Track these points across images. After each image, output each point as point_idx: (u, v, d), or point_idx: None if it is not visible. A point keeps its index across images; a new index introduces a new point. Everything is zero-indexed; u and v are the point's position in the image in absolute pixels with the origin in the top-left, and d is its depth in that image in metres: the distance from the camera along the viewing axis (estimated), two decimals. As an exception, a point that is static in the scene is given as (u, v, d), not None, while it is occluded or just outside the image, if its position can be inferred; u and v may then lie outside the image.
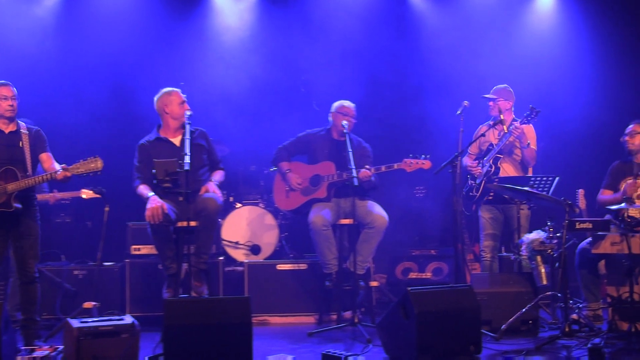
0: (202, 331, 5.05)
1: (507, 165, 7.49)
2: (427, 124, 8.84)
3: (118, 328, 5.29)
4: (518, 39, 9.30)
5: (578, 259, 6.64)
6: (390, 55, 9.26)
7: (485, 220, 7.52)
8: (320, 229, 7.06)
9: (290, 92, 8.96)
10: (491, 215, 7.50)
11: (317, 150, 7.44)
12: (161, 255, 6.49)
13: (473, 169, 7.52)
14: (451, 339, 5.42)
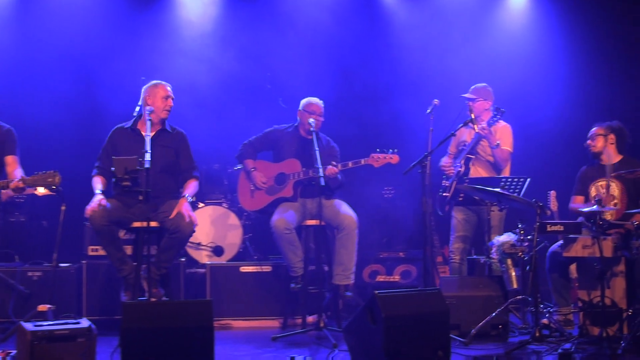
0: (162, 335, 5.01)
1: (479, 167, 7.53)
2: (397, 123, 8.87)
3: (74, 332, 5.23)
4: (490, 37, 9.35)
5: (549, 262, 6.70)
6: (360, 52, 9.29)
7: (457, 221, 7.56)
8: (282, 232, 7.02)
9: (256, 88, 8.92)
10: (464, 216, 7.54)
11: (284, 147, 7.43)
12: (109, 257, 6.45)
13: (447, 169, 7.56)
14: (419, 344, 5.42)
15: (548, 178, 8.43)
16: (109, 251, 6.42)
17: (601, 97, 8.96)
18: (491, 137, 7.33)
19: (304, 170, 7.21)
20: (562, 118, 9.06)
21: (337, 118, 7.84)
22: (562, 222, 6.29)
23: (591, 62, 9.16)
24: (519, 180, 7.02)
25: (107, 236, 6.36)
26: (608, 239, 6.10)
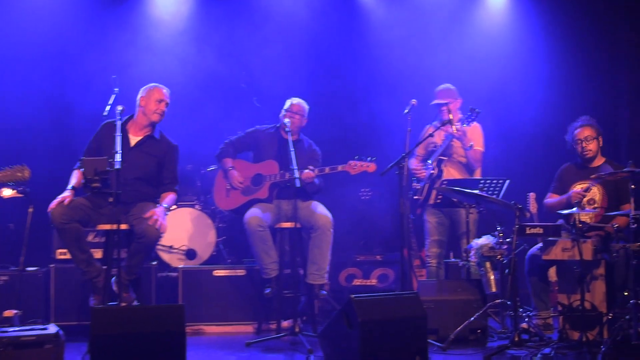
0: (132, 341, 4.99)
1: (451, 168, 7.56)
2: (375, 123, 8.90)
3: (41, 338, 5.20)
4: (469, 36, 9.38)
5: (528, 265, 6.74)
6: (338, 51, 9.30)
7: (430, 225, 7.59)
8: (255, 229, 7.00)
9: (230, 87, 8.90)
10: (437, 219, 7.58)
11: (264, 148, 7.43)
12: (73, 258, 6.40)
13: (418, 171, 7.58)
14: (396, 349, 5.44)
15: (527, 180, 8.47)
16: (72, 252, 6.34)
17: (582, 98, 9.00)
18: (465, 139, 7.37)
19: (281, 172, 7.21)
20: (542, 119, 9.11)
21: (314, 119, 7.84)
22: (542, 225, 6.32)
23: (572, 63, 9.20)
24: (497, 181, 7.06)
25: (68, 235, 6.28)
26: (588, 241, 6.14)
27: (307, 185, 7.08)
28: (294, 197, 6.79)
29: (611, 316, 6.11)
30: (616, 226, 6.29)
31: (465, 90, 7.91)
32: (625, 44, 9.01)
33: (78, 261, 6.38)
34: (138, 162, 6.58)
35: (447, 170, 7.52)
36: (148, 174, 6.71)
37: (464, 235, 7.35)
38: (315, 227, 7.07)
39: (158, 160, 6.75)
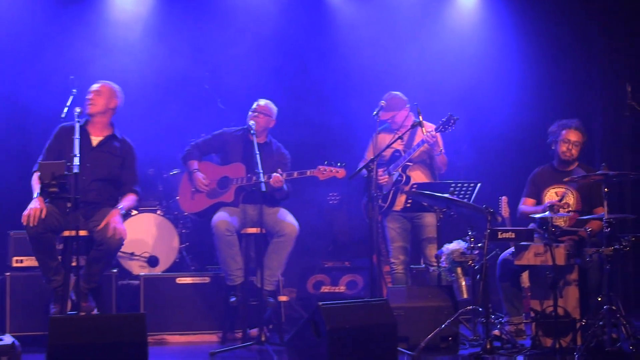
0: (92, 352, 4.94)
1: (417, 173, 7.57)
2: (345, 125, 8.90)
3: (-4, 349, 5.16)
4: (440, 36, 9.39)
5: (499, 271, 6.78)
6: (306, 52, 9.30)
7: (393, 231, 7.60)
8: (223, 233, 7.00)
9: (194, 88, 8.87)
10: (399, 225, 7.59)
11: (231, 150, 7.42)
12: (42, 266, 6.36)
13: (380, 179, 7.54)
14: (366, 358, 5.45)
15: (499, 183, 8.53)
16: (43, 260, 6.32)
17: (555, 99, 9.08)
18: (436, 146, 7.38)
19: (248, 176, 7.19)
20: (515, 121, 9.17)
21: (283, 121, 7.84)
22: (514, 229, 6.36)
23: (545, 64, 9.26)
24: (469, 185, 7.08)
25: (42, 244, 6.26)
26: (561, 246, 6.18)
27: (276, 192, 7.08)
28: (260, 202, 6.78)
29: (584, 322, 6.16)
30: (589, 230, 6.34)
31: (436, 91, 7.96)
32: (599, 45, 9.10)
33: (46, 269, 6.34)
34: (101, 163, 6.55)
35: (415, 175, 7.53)
36: (112, 174, 6.68)
37: (429, 240, 7.39)
38: (280, 234, 7.09)
39: (121, 160, 6.73)
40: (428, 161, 7.59)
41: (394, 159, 7.55)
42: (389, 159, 7.58)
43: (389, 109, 7.51)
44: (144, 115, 8.57)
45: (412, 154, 7.43)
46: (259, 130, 7.18)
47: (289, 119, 8.45)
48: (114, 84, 6.92)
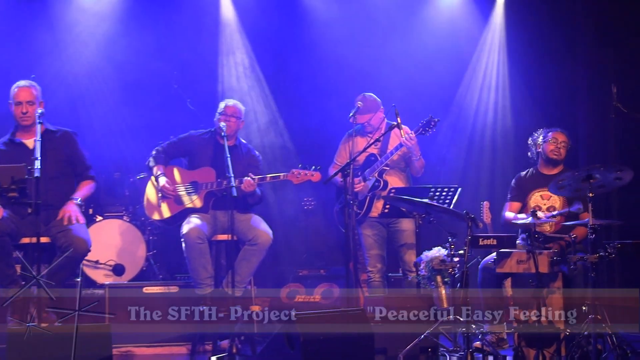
0: (54, 366, 4.91)
1: (394, 178, 7.57)
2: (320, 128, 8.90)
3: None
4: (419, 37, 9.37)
5: (480, 278, 6.78)
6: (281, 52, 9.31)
7: (368, 237, 7.60)
8: (194, 241, 6.97)
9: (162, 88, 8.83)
10: (375, 231, 7.59)
11: (199, 154, 7.38)
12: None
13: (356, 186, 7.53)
14: (341, 370, 5.44)
15: (481, 187, 8.55)
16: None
17: (538, 104, 9.11)
18: (416, 149, 7.37)
19: (219, 181, 7.16)
20: (497, 124, 9.20)
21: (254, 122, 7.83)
22: (495, 236, 6.36)
23: (529, 65, 9.27)
24: (449, 190, 7.06)
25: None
26: (544, 253, 6.19)
27: (248, 195, 7.06)
28: (231, 208, 6.75)
29: (569, 332, 6.17)
30: (574, 237, 6.35)
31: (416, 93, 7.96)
32: (584, 45, 9.13)
33: (2, 277, 6.28)
34: (48, 162, 6.45)
35: (391, 180, 7.53)
36: (62, 170, 6.62)
37: (408, 247, 7.39)
38: (253, 242, 7.09)
39: (66, 153, 6.66)
40: (403, 165, 7.59)
41: (369, 164, 7.53)
42: (363, 164, 7.56)
43: (365, 111, 7.50)
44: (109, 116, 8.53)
45: (389, 157, 7.43)
46: (230, 133, 7.16)
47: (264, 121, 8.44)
48: (30, 81, 6.80)
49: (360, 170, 7.53)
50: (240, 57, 9.21)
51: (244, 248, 7.12)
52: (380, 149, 7.55)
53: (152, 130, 8.20)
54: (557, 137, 7.00)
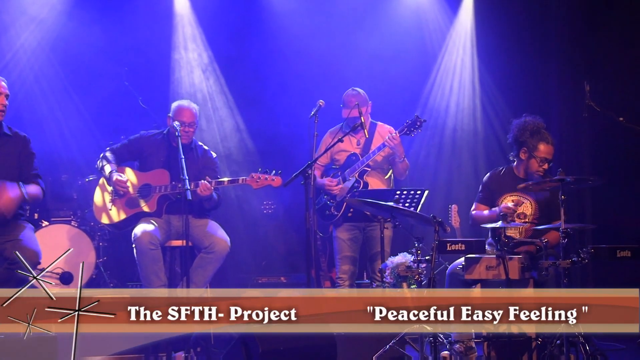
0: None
1: (375, 179, 7.61)
2: (281, 128, 8.90)
3: None
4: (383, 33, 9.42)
5: (448, 284, 6.80)
6: (237, 49, 9.28)
7: (342, 241, 7.62)
8: (146, 247, 6.95)
9: (112, 85, 8.80)
10: (350, 235, 7.61)
11: (151, 156, 7.35)
12: None
13: (332, 188, 7.56)
14: (302, 383, 5.46)
15: (449, 190, 8.59)
16: None
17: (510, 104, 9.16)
18: (400, 150, 7.40)
19: (173, 184, 7.14)
20: (466, 124, 9.25)
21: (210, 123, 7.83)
22: (464, 240, 6.39)
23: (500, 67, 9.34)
24: (415, 192, 7.10)
25: None
26: (514, 259, 6.22)
27: (205, 199, 7.05)
28: (185, 212, 6.74)
29: (540, 341, 6.22)
30: (545, 241, 6.37)
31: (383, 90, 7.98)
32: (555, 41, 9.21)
33: None
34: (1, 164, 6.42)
35: (372, 181, 7.55)
36: (10, 175, 6.55)
37: (379, 254, 7.40)
38: (209, 250, 7.09)
39: (18, 157, 6.59)
40: (386, 167, 7.62)
41: (349, 163, 7.56)
42: (344, 164, 7.60)
43: (345, 106, 7.56)
44: (56, 115, 8.47)
45: (371, 157, 7.45)
46: (184, 134, 7.14)
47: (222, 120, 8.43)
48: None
49: (340, 170, 7.56)
50: (195, 52, 9.20)
51: (200, 255, 7.11)
52: (363, 149, 7.58)
53: (101, 130, 8.16)
54: (547, 155, 6.85)
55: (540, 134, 6.88)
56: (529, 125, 6.92)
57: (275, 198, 8.85)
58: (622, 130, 7.12)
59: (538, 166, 6.84)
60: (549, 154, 6.87)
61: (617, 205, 8.59)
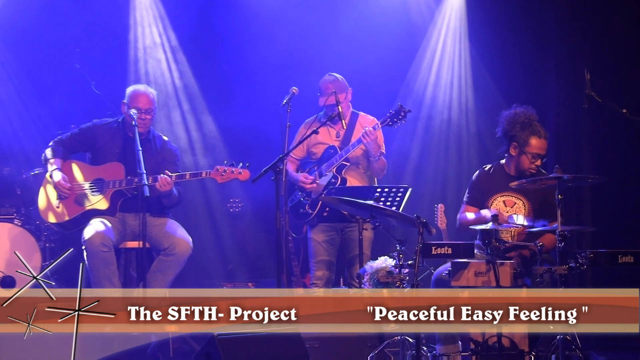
0: None
1: (353, 175, 7.59)
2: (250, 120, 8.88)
3: None
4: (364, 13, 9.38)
5: (433, 291, 6.81)
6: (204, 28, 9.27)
7: (317, 243, 7.61)
8: (98, 249, 6.92)
9: (62, 68, 8.76)
10: (325, 237, 7.60)
11: (104, 147, 7.33)
12: None
13: (306, 185, 7.54)
14: (271, 400, 5.45)
15: (435, 188, 8.59)
16: None
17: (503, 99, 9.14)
18: (375, 146, 7.37)
19: (128, 178, 7.11)
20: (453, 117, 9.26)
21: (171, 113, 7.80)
22: (451, 243, 6.36)
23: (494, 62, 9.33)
24: (398, 190, 7.09)
25: None
26: (506, 264, 6.20)
27: (164, 196, 7.02)
28: (142, 210, 6.71)
29: (534, 355, 6.23)
30: (540, 245, 6.36)
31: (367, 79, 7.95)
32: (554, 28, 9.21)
33: None
34: None
35: (351, 177, 7.54)
36: None
37: (357, 257, 7.38)
38: (170, 252, 7.07)
39: None
40: (366, 163, 7.60)
41: (327, 157, 7.54)
42: (321, 157, 7.58)
43: (321, 93, 7.56)
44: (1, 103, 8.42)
45: (350, 151, 7.43)
46: (141, 123, 7.10)
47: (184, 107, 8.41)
48: None
49: (317, 165, 7.54)
50: (156, 34, 9.16)
51: (159, 258, 7.09)
52: (342, 142, 7.56)
53: (49, 118, 8.09)
54: (540, 150, 6.82)
55: (532, 127, 6.82)
56: (519, 117, 6.87)
57: (244, 195, 8.85)
58: (625, 124, 7.12)
59: (530, 163, 6.81)
60: (542, 148, 6.83)
61: (618, 205, 8.59)
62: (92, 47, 8.76)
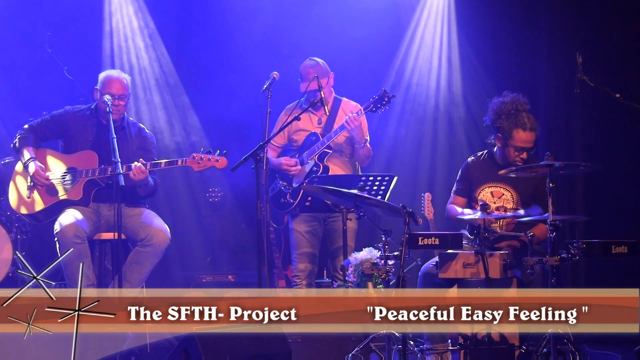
0: None
1: (335, 163, 7.58)
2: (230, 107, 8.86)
3: None
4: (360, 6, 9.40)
5: (421, 284, 6.80)
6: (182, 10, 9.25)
7: (299, 234, 7.60)
8: (71, 241, 6.88)
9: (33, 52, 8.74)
10: (308, 227, 7.59)
11: (77, 135, 7.30)
12: None
13: (290, 168, 7.53)
14: (252, 398, 5.45)
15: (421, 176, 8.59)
16: None
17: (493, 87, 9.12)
18: (360, 133, 7.36)
19: (102, 167, 7.09)
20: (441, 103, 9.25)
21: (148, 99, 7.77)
22: (438, 234, 6.35)
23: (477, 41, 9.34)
24: (383, 179, 7.08)
25: None
26: (495, 255, 6.20)
27: (139, 185, 7.00)
28: (117, 200, 6.68)
29: (524, 349, 6.23)
30: (531, 235, 6.35)
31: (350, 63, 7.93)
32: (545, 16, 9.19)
33: None
34: None
35: (334, 165, 7.52)
36: None
37: (341, 249, 7.38)
38: (147, 242, 7.05)
39: None
40: (350, 150, 7.58)
41: (308, 144, 7.53)
42: (303, 144, 7.57)
43: (302, 79, 7.55)
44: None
45: (332, 138, 7.42)
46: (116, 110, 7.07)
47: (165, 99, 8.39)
48: None
49: (298, 152, 7.53)
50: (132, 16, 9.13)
51: (135, 249, 7.08)
52: (324, 128, 7.54)
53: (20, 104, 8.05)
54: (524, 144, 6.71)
55: (517, 119, 6.74)
56: (505, 107, 6.79)
57: (223, 184, 8.84)
58: (619, 109, 7.12)
59: (514, 155, 6.78)
60: (527, 142, 6.75)
61: (612, 194, 8.60)
62: (65, 30, 8.72)
